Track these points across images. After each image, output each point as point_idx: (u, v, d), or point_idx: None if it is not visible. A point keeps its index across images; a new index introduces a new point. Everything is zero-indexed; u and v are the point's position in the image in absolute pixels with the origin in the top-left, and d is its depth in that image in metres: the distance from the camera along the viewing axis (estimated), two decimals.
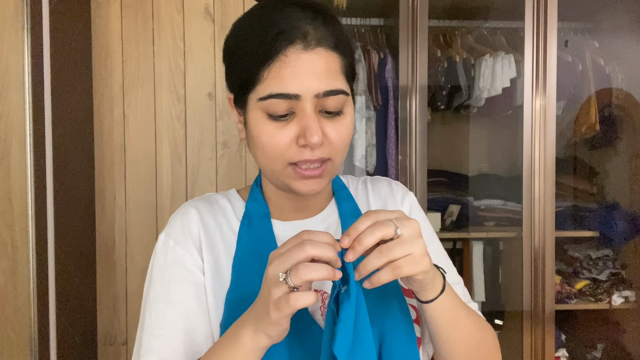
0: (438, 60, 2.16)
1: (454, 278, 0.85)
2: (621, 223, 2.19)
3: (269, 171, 0.73)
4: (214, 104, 1.90)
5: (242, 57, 0.71)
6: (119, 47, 1.88)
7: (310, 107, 0.68)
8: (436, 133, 2.43)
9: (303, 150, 0.69)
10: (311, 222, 0.81)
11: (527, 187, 1.91)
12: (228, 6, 1.89)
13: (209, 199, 0.83)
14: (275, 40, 0.68)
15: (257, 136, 0.71)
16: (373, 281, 0.60)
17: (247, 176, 1.91)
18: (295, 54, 0.68)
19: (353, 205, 0.83)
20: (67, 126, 1.65)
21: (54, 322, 1.54)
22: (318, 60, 0.68)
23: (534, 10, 1.88)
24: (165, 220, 1.89)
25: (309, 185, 0.71)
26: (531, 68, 1.89)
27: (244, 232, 0.78)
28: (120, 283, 1.88)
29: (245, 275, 0.73)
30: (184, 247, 0.76)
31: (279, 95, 0.67)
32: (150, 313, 0.75)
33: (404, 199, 0.86)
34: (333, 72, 0.70)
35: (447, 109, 2.29)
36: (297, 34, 0.68)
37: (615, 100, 2.25)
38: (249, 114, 0.72)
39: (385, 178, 0.90)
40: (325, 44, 0.69)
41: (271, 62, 0.68)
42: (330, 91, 0.69)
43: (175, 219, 0.80)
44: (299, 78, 0.67)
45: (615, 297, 2.13)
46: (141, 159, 1.89)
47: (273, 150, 0.70)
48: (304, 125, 0.68)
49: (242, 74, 0.71)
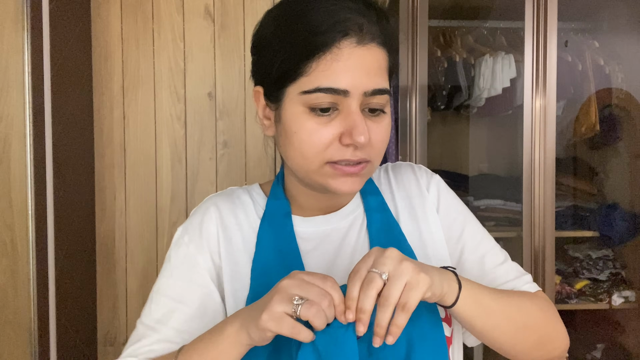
0: (438, 60, 2.16)
1: (496, 258, 0.79)
2: (621, 223, 2.19)
3: (302, 170, 0.69)
4: (214, 104, 1.90)
5: (282, 48, 0.67)
6: (119, 47, 1.88)
7: (356, 105, 0.65)
8: (436, 133, 2.43)
9: (345, 150, 0.66)
10: (335, 217, 0.77)
11: (527, 187, 1.91)
12: (228, 6, 1.89)
13: (232, 195, 0.80)
14: (329, 30, 0.63)
15: (296, 132, 0.66)
16: (394, 333, 0.58)
17: (247, 176, 1.91)
18: (349, 47, 0.64)
19: (379, 200, 0.78)
20: (67, 126, 1.65)
21: (54, 322, 1.54)
22: (370, 56, 0.65)
23: (534, 10, 1.88)
24: (165, 221, 1.89)
25: (347, 184, 0.68)
26: (531, 68, 1.89)
27: (264, 231, 0.75)
28: (120, 283, 1.88)
29: (266, 275, 0.71)
30: (198, 247, 0.75)
31: (328, 89, 0.64)
32: (151, 304, 0.76)
33: (430, 185, 0.81)
34: (382, 70, 0.67)
35: (447, 109, 2.28)
36: (352, 26, 0.64)
37: (615, 100, 2.25)
38: (285, 109, 0.68)
39: (408, 163, 0.85)
40: (378, 39, 0.66)
41: (322, 54, 0.64)
42: (378, 90, 0.66)
43: (195, 216, 0.78)
44: (350, 73, 0.64)
45: (615, 297, 2.13)
46: (141, 159, 1.89)
47: (313, 148, 0.66)
48: (350, 124, 0.65)
49: (281, 65, 0.67)
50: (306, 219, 0.77)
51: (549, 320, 0.75)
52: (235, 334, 0.62)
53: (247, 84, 1.90)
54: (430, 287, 0.59)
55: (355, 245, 0.75)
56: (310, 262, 0.74)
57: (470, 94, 2.20)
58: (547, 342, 0.74)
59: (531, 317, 0.72)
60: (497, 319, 0.68)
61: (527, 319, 0.71)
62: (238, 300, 0.73)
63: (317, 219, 0.77)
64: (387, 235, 0.75)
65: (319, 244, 0.75)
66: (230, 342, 0.62)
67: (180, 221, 1.89)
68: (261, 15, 0.75)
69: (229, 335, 0.63)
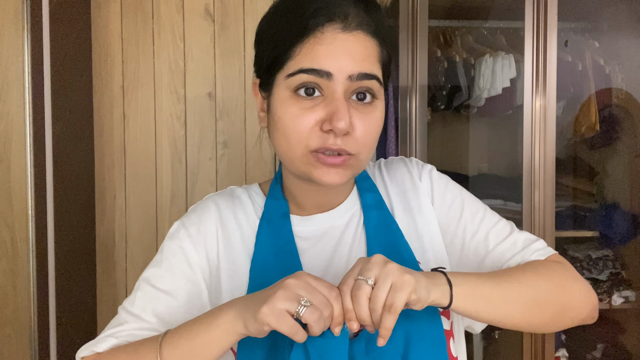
0: (438, 60, 2.16)
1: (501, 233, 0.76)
2: (621, 223, 2.19)
3: (288, 159, 0.69)
4: (214, 104, 1.90)
5: (274, 35, 0.68)
6: (119, 47, 1.88)
7: (341, 90, 0.64)
8: (436, 133, 2.43)
9: (327, 137, 0.65)
10: (332, 215, 0.77)
11: (527, 187, 1.91)
12: (228, 6, 1.89)
13: (231, 194, 0.80)
14: (313, 15, 0.64)
15: (280, 118, 0.67)
16: (383, 335, 0.58)
17: (247, 176, 1.91)
18: (333, 32, 0.64)
19: (376, 197, 0.78)
20: (67, 126, 1.65)
21: (54, 322, 1.54)
22: (356, 42, 0.65)
23: (534, 10, 1.88)
24: (165, 220, 1.89)
25: (329, 175, 0.67)
26: (531, 68, 1.89)
27: (263, 232, 0.75)
28: (120, 283, 1.88)
29: (264, 274, 0.71)
30: (193, 244, 0.75)
31: (310, 70, 0.64)
32: (137, 292, 0.75)
33: (422, 174, 0.80)
34: (370, 57, 0.66)
35: (447, 109, 2.28)
36: (337, 12, 0.65)
37: (615, 100, 2.25)
38: (273, 96, 0.68)
39: (400, 157, 0.84)
40: (366, 28, 0.66)
41: (305, 37, 0.64)
42: (365, 74, 0.65)
43: (194, 212, 0.78)
44: (333, 56, 0.64)
45: (615, 297, 2.13)
46: (141, 159, 1.89)
47: (295, 134, 0.66)
48: (332, 109, 0.64)
49: (272, 52, 0.68)
50: (304, 218, 0.77)
51: (563, 288, 0.71)
52: (230, 322, 0.61)
53: (247, 84, 1.90)
54: (415, 289, 0.58)
55: (353, 242, 0.75)
56: (308, 260, 0.74)
57: (470, 94, 2.20)
58: (566, 311, 0.71)
59: (541, 292, 0.69)
60: (502, 305, 0.66)
61: (537, 294, 0.68)
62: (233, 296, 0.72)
63: (315, 218, 0.76)
64: (384, 232, 0.75)
65: (317, 243, 0.75)
66: (223, 330, 0.62)
67: None
68: (261, 15, 0.76)
69: (222, 322, 0.62)
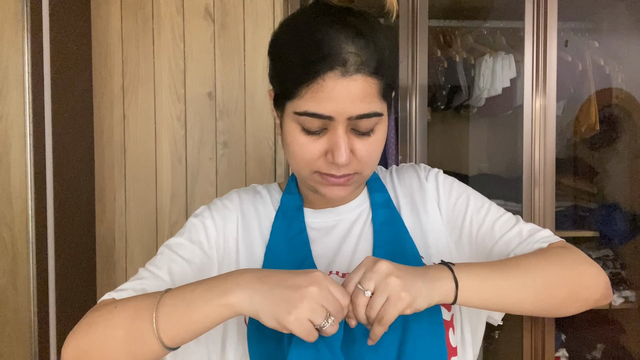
0: (438, 60, 2.16)
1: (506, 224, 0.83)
2: (621, 223, 2.19)
3: (297, 175, 0.80)
4: (214, 104, 1.90)
5: (284, 67, 0.74)
6: (119, 47, 1.88)
7: (342, 128, 0.72)
8: (436, 133, 2.43)
9: (330, 165, 0.74)
10: (342, 210, 0.86)
11: (527, 187, 1.91)
12: (228, 6, 1.89)
13: (253, 189, 0.91)
14: (315, 63, 0.70)
15: (290, 144, 0.75)
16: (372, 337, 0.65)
17: (247, 176, 1.91)
18: (333, 79, 0.69)
19: (385, 196, 0.86)
20: (67, 126, 1.65)
21: (54, 322, 1.54)
22: (355, 86, 0.70)
23: (534, 10, 1.88)
24: (165, 221, 1.89)
25: (335, 191, 0.76)
26: (531, 68, 1.89)
27: (278, 222, 0.84)
28: (120, 283, 1.88)
29: (276, 260, 0.79)
30: (214, 224, 0.84)
31: (314, 114, 0.71)
32: (158, 255, 0.82)
33: (428, 175, 0.89)
34: (369, 96, 0.71)
35: (447, 109, 2.28)
36: (337, 60, 0.69)
37: (615, 100, 2.25)
38: (285, 121, 0.76)
39: (411, 164, 0.94)
40: (364, 70, 0.71)
41: (310, 83, 0.70)
42: (363, 115, 0.71)
43: (219, 201, 0.89)
44: (334, 102, 0.70)
45: (615, 297, 2.13)
46: (141, 159, 1.89)
47: (302, 159, 0.75)
48: (333, 144, 0.72)
49: (283, 82, 0.75)
50: (316, 211, 0.86)
51: (572, 271, 0.75)
52: (237, 305, 0.64)
53: (247, 84, 1.90)
54: (411, 304, 0.63)
55: (360, 235, 0.84)
56: (318, 248, 0.82)
57: (470, 94, 2.20)
58: (578, 292, 0.75)
59: (549, 277, 0.72)
60: (512, 294, 0.70)
61: (546, 279, 0.72)
62: None
63: (326, 211, 0.86)
64: (390, 228, 0.82)
65: (327, 233, 0.84)
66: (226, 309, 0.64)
67: (180, 221, 1.89)
68: (261, 15, 0.78)
69: (229, 303, 0.64)
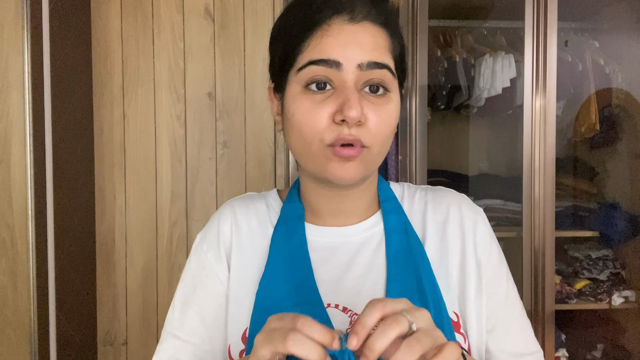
0: (438, 60, 2.16)
1: (527, 347, 0.75)
2: (621, 223, 2.19)
3: (305, 156, 0.67)
4: (214, 104, 1.90)
5: (284, 35, 0.68)
6: (119, 47, 1.88)
7: (352, 80, 0.63)
8: (436, 133, 2.43)
9: (340, 128, 0.63)
10: (350, 231, 0.74)
11: (527, 187, 1.91)
12: (228, 6, 1.89)
13: (248, 200, 0.80)
14: (320, 9, 0.64)
15: (294, 114, 0.66)
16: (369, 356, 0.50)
17: (247, 176, 1.91)
18: (340, 23, 0.64)
19: (402, 219, 0.74)
20: (67, 126, 1.65)
21: (54, 322, 1.54)
22: (364, 32, 0.64)
23: (534, 10, 1.88)
24: (165, 220, 1.89)
25: (344, 168, 0.64)
26: (531, 68, 1.89)
27: (277, 236, 0.74)
28: (120, 283, 1.88)
29: (273, 283, 0.70)
30: (215, 255, 0.75)
31: (319, 61, 0.63)
32: (174, 312, 0.77)
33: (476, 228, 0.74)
34: (380, 47, 0.65)
35: (447, 109, 2.28)
36: (343, 4, 0.64)
37: (615, 100, 2.25)
38: (286, 94, 0.68)
39: (450, 191, 0.78)
40: (374, 19, 0.65)
41: (313, 31, 0.64)
42: (375, 63, 0.64)
43: (212, 221, 0.79)
44: (341, 46, 0.63)
45: (615, 297, 2.13)
46: (141, 159, 1.89)
47: (309, 128, 0.64)
48: (343, 99, 0.62)
49: (283, 50, 0.68)
50: (319, 227, 0.74)
51: None
52: None
53: (247, 84, 1.90)
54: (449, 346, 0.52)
55: (370, 265, 0.71)
56: (319, 272, 0.71)
57: (470, 94, 2.20)
58: None
59: None
60: None
61: None
62: (240, 307, 0.72)
63: (330, 230, 0.74)
64: (407, 258, 0.70)
65: (328, 257, 0.73)
66: None
67: (180, 221, 1.89)
68: (261, 15, 0.78)
69: None
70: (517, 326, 0.75)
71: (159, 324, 1.89)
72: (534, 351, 0.76)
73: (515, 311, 0.75)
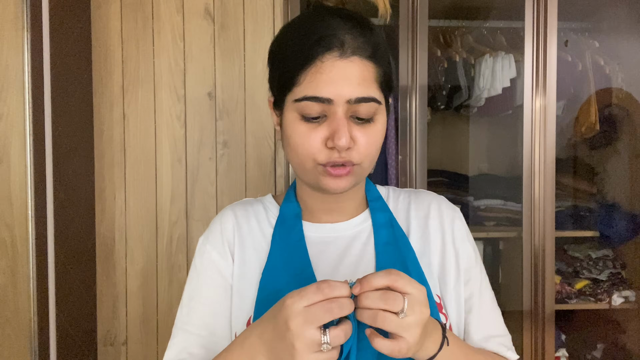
0: (438, 60, 2.16)
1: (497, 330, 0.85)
2: (621, 223, 2.19)
3: (300, 170, 0.77)
4: (214, 104, 1.90)
5: (282, 61, 0.76)
6: (119, 47, 1.88)
7: (342, 112, 0.71)
8: (436, 133, 2.43)
9: (331, 152, 0.72)
10: (342, 226, 0.84)
11: (527, 187, 1.91)
12: (228, 6, 1.89)
13: (246, 204, 0.89)
14: (314, 46, 0.71)
15: (290, 136, 0.74)
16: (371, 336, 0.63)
17: (247, 176, 1.91)
18: (331, 60, 0.71)
19: (388, 216, 0.84)
20: (67, 126, 1.65)
21: (54, 322, 1.54)
22: (352, 68, 0.71)
23: (534, 10, 1.88)
24: (165, 220, 1.89)
25: (335, 182, 0.74)
26: (531, 68, 1.89)
27: (277, 232, 0.83)
28: (120, 283, 1.88)
29: (274, 273, 0.78)
30: (220, 252, 0.83)
31: (313, 98, 0.71)
32: (183, 309, 0.84)
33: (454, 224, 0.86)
34: (367, 80, 0.72)
35: (447, 109, 2.28)
36: (334, 41, 0.71)
37: (615, 100, 2.25)
38: (285, 115, 0.76)
39: (431, 193, 0.90)
40: (361, 53, 0.72)
41: (308, 66, 0.72)
42: (362, 98, 0.71)
43: (215, 224, 0.87)
44: (333, 84, 0.71)
45: (615, 297, 2.13)
46: (141, 159, 1.89)
47: (303, 150, 0.73)
48: (333, 128, 0.71)
49: (282, 76, 0.75)
50: (314, 224, 0.84)
51: None
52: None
53: (247, 84, 1.90)
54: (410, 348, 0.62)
55: (361, 256, 0.81)
56: (315, 266, 0.80)
57: (470, 94, 2.20)
58: None
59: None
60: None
61: None
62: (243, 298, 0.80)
63: (324, 226, 0.84)
64: (394, 249, 0.80)
65: (323, 249, 0.82)
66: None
67: (180, 221, 1.89)
68: (261, 15, 0.81)
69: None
70: (488, 312, 0.85)
71: (159, 324, 1.90)
72: (503, 334, 0.86)
73: (487, 299, 0.86)
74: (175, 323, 0.84)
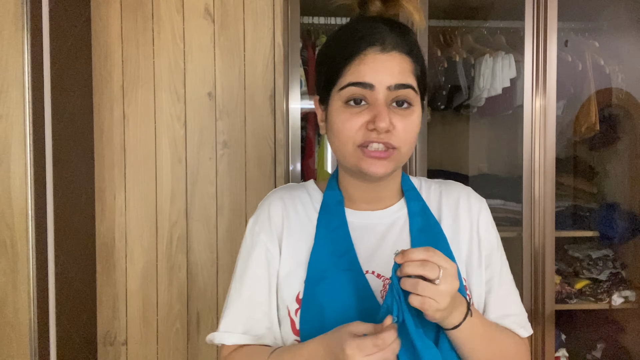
0: (438, 60, 2.16)
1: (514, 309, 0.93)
2: (621, 223, 2.19)
3: (341, 154, 0.85)
4: (214, 104, 1.90)
5: (329, 60, 0.85)
6: (119, 47, 1.88)
7: (382, 98, 0.80)
8: (436, 133, 2.43)
9: (370, 133, 0.80)
10: (381, 214, 0.92)
11: (527, 187, 1.91)
12: (228, 6, 1.89)
13: (291, 190, 0.97)
14: (357, 42, 0.81)
15: (334, 122, 0.83)
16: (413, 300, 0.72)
17: (247, 176, 1.91)
18: (373, 54, 0.81)
19: (421, 205, 0.93)
20: (67, 126, 1.65)
21: (54, 322, 1.54)
22: (392, 61, 0.81)
23: (534, 10, 1.88)
24: (165, 221, 1.89)
25: (375, 165, 0.81)
26: (531, 68, 1.89)
27: (322, 217, 0.91)
28: (120, 283, 1.88)
29: (321, 255, 0.87)
30: (268, 235, 0.92)
31: (356, 83, 0.80)
32: (234, 282, 0.93)
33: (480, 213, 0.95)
34: (405, 71, 0.82)
35: (447, 108, 2.28)
36: (376, 37, 0.81)
37: (615, 100, 2.25)
38: (330, 107, 0.85)
39: (459, 184, 0.99)
40: (401, 49, 0.82)
41: (352, 60, 0.81)
42: (401, 85, 0.80)
43: (263, 208, 0.95)
44: (374, 72, 0.80)
45: (615, 297, 2.13)
46: (141, 159, 1.89)
47: (345, 133, 0.82)
48: (375, 113, 0.79)
49: (328, 73, 0.85)
50: (355, 211, 0.92)
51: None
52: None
53: (247, 84, 1.90)
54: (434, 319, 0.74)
55: (397, 241, 0.90)
56: (356, 249, 0.88)
57: (470, 94, 2.20)
58: None
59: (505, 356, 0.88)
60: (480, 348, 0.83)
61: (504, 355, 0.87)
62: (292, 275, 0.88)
63: (364, 213, 0.92)
64: (427, 235, 0.89)
65: (364, 234, 0.90)
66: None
67: (180, 221, 1.89)
68: (261, 15, 0.86)
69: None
70: (506, 293, 0.93)
71: (159, 324, 1.90)
72: (518, 313, 0.93)
73: (506, 281, 0.94)
74: (227, 295, 0.94)
